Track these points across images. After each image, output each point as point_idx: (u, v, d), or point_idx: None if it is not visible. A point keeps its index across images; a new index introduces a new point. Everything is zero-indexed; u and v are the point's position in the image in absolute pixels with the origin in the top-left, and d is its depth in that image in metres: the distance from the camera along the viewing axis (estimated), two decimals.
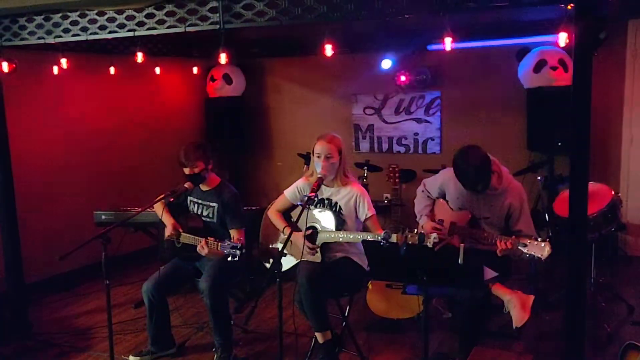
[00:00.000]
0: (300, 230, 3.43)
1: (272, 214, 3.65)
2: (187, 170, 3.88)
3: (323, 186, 3.48)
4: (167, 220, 3.96)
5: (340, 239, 3.26)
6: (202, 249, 3.63)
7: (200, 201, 4.01)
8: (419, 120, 6.83)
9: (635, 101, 5.93)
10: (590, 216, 4.03)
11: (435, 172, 4.21)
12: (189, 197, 4.07)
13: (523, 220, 3.54)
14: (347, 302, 3.56)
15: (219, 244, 3.53)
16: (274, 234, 3.70)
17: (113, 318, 4.69)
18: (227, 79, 7.07)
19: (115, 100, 6.32)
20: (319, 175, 3.27)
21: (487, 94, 6.44)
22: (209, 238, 3.67)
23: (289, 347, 4.09)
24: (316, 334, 3.23)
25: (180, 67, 7.06)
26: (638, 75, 5.89)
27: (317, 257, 3.34)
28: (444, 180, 3.80)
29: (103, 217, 5.13)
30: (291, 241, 3.50)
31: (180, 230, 3.92)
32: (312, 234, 3.39)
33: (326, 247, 3.37)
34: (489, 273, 3.08)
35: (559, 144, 5.78)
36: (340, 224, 3.38)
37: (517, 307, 3.19)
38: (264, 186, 7.72)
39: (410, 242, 2.71)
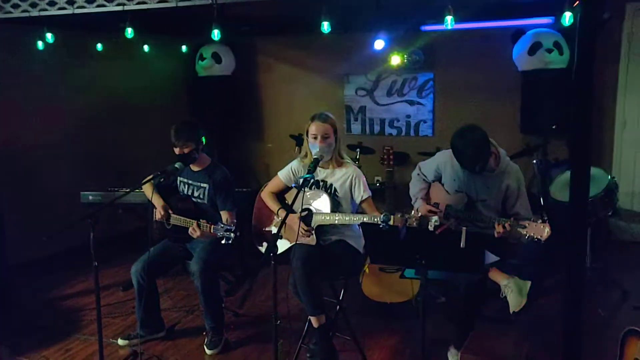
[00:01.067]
0: (295, 213, 3.35)
1: (266, 196, 3.56)
2: (177, 150, 3.78)
3: (318, 168, 3.40)
4: (157, 201, 3.87)
5: (336, 222, 3.18)
6: (194, 231, 3.55)
7: (190, 182, 3.92)
8: (411, 102, 6.74)
9: (629, 85, 5.90)
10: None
11: (430, 155, 4.15)
12: (178, 178, 3.98)
13: (520, 203, 3.49)
14: (341, 286, 3.49)
15: (212, 226, 3.44)
16: (267, 217, 3.62)
17: (101, 300, 4.66)
18: (217, 58, 6.91)
19: (101, 79, 6.16)
20: (315, 157, 3.18)
21: (480, 76, 6.35)
22: (201, 220, 3.58)
23: (282, 331, 4.02)
24: (310, 318, 3.16)
25: (168, 45, 6.88)
26: (632, 59, 5.85)
27: (312, 240, 3.26)
28: (441, 162, 3.73)
29: (90, 197, 5.01)
30: (285, 224, 3.42)
31: (171, 211, 3.83)
32: (307, 216, 3.31)
33: (321, 229, 3.30)
34: (489, 257, 3.03)
35: (553, 127, 5.74)
36: (336, 206, 3.31)
37: (514, 292, 3.15)
38: (253, 167, 7.62)
39: (410, 225, 2.64)
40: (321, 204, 3.34)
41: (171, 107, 7.10)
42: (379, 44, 6.41)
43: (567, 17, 3.22)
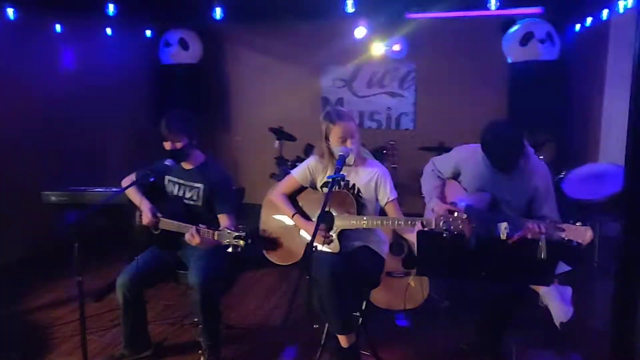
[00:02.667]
0: (310, 219, 2.99)
1: (278, 198, 3.15)
2: (167, 145, 3.32)
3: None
4: (142, 203, 3.40)
5: (364, 225, 2.82)
6: (193, 237, 3.09)
7: (181, 181, 3.46)
8: (392, 94, 6.46)
9: (617, 76, 5.80)
10: (604, 199, 3.81)
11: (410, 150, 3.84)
12: (167, 177, 3.52)
13: (548, 205, 3.21)
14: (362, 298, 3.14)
15: (215, 232, 3.01)
16: (278, 221, 3.21)
17: (69, 314, 4.16)
18: (183, 44, 6.41)
19: (58, 65, 5.53)
20: (341, 153, 2.81)
21: (465, 68, 6.14)
22: (200, 225, 3.14)
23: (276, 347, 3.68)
24: (339, 337, 2.79)
25: (130, 30, 6.29)
26: (620, 50, 5.74)
27: (335, 247, 2.89)
28: (461, 159, 3.42)
29: (53, 198, 4.43)
30: (299, 229, 3.05)
31: (160, 215, 3.36)
32: (328, 220, 2.94)
33: (343, 235, 2.93)
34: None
35: (542, 120, 5.59)
36: (360, 209, 2.94)
37: (556, 300, 2.89)
38: (222, 162, 7.13)
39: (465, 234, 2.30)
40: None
41: (133, 96, 6.53)
42: (360, 32, 6.12)
43: (622, 6, 2.96)
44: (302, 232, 3.05)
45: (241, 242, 2.93)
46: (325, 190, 3.04)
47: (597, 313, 3.80)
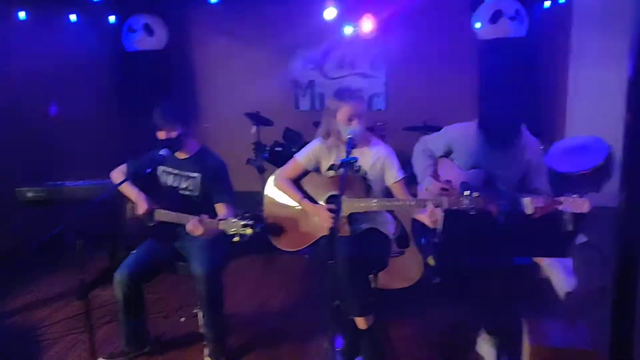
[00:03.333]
0: (317, 203, 2.97)
1: (283, 183, 3.09)
2: (162, 134, 3.22)
3: (343, 148, 3.00)
4: (135, 195, 3.30)
5: (374, 208, 2.81)
6: (196, 228, 3.01)
7: (176, 171, 3.36)
8: (363, 75, 6.45)
9: (581, 50, 5.96)
10: (589, 171, 3.92)
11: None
12: (160, 167, 3.41)
13: (540, 178, 3.30)
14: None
15: (220, 221, 2.94)
16: (283, 207, 3.16)
17: (55, 314, 4.01)
18: (148, 30, 6.19)
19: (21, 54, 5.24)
20: (350, 136, 2.78)
21: (436, 46, 6.18)
22: (202, 215, 3.07)
23: (294, 333, 3.67)
24: (357, 319, 2.78)
25: (94, 16, 6.01)
26: (584, 28, 5.91)
27: (345, 230, 2.88)
28: (453, 137, 3.45)
29: (29, 194, 4.24)
30: (307, 214, 3.02)
31: (156, 206, 3.27)
32: (336, 204, 2.92)
33: (351, 217, 2.91)
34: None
35: (512, 95, 5.68)
36: (367, 191, 2.93)
37: (559, 271, 2.97)
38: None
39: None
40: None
41: (97, 85, 6.28)
42: (330, 13, 6.05)
43: None
44: (312, 217, 3.00)
45: (248, 231, 2.87)
46: (331, 173, 3.01)
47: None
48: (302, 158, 3.07)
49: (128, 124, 6.69)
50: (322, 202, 2.98)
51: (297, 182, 3.12)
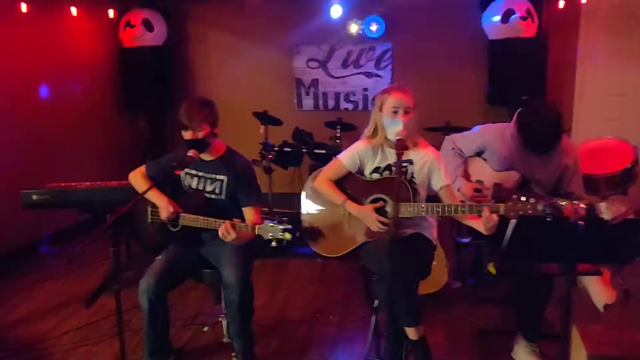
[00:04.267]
0: (362, 204, 2.83)
1: (324, 184, 2.93)
2: (188, 134, 3.04)
3: (388, 149, 2.87)
4: (158, 198, 3.11)
5: (422, 214, 2.68)
6: (228, 233, 2.85)
7: (201, 174, 3.19)
8: (368, 75, 6.34)
9: (587, 55, 5.94)
10: (616, 172, 3.86)
11: None
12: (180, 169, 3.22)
13: (575, 181, 3.22)
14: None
15: (257, 226, 2.79)
16: (322, 210, 3.01)
17: (57, 327, 3.78)
18: (148, 26, 5.98)
19: (15, 52, 4.99)
20: (399, 137, 2.64)
21: (443, 46, 6.09)
22: (234, 220, 2.91)
23: (321, 340, 3.53)
24: (408, 329, 2.65)
25: (89, 10, 5.78)
26: (592, 30, 5.88)
27: (392, 235, 2.75)
28: (487, 139, 3.34)
29: (34, 197, 4.00)
30: (348, 218, 2.88)
31: (181, 210, 3.09)
32: (382, 207, 2.78)
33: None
34: None
35: (523, 98, 5.63)
36: (414, 195, 2.79)
37: (597, 282, 2.88)
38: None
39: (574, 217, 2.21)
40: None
41: (95, 82, 6.05)
42: (336, 11, 5.93)
43: None
44: (355, 220, 2.85)
45: (287, 236, 2.73)
46: (376, 176, 2.87)
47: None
48: (345, 159, 2.92)
49: (125, 123, 6.49)
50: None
51: (337, 184, 2.97)
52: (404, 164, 2.41)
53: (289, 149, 5.18)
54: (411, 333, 2.63)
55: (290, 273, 4.62)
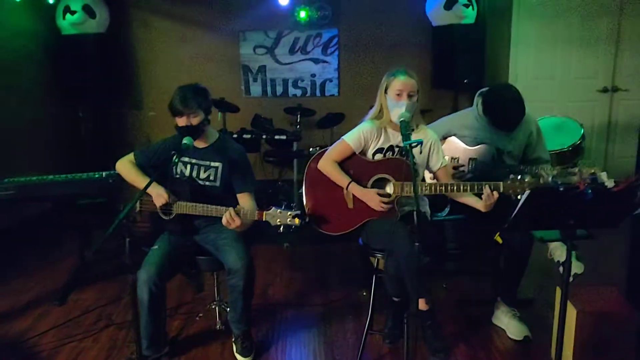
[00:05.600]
0: (365, 185, 2.94)
1: (329, 166, 2.98)
2: (182, 121, 3.03)
3: (392, 131, 2.98)
4: (151, 186, 3.06)
5: (425, 192, 2.82)
6: (232, 220, 2.87)
7: (194, 161, 3.18)
8: (316, 61, 6.43)
9: (520, 39, 6.32)
10: (567, 148, 4.20)
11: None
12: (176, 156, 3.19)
13: (540, 147, 3.51)
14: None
15: (264, 212, 2.83)
16: (327, 192, 3.05)
17: (40, 324, 3.64)
18: (90, 12, 5.72)
19: None
20: (402, 119, 2.76)
21: (389, 32, 6.30)
22: (238, 206, 2.94)
23: (316, 317, 3.62)
24: (421, 300, 2.80)
25: None
26: (523, 14, 6.26)
27: (395, 214, 2.88)
28: (453, 126, 3.52)
29: None
30: (352, 197, 2.98)
31: (176, 198, 3.07)
32: (383, 187, 2.90)
33: (397, 201, 2.91)
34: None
35: (465, 81, 5.95)
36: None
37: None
38: (133, 140, 6.59)
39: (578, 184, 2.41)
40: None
41: (31, 71, 5.73)
42: None
43: None
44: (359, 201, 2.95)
45: (297, 221, 2.79)
46: (379, 157, 2.98)
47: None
48: (351, 140, 2.99)
49: (65, 113, 6.21)
50: (368, 186, 2.95)
51: (340, 165, 3.04)
52: (414, 144, 2.54)
53: (249, 136, 5.18)
54: (422, 304, 2.79)
55: (262, 259, 4.65)
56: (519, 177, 2.72)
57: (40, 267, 4.53)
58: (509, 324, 3.35)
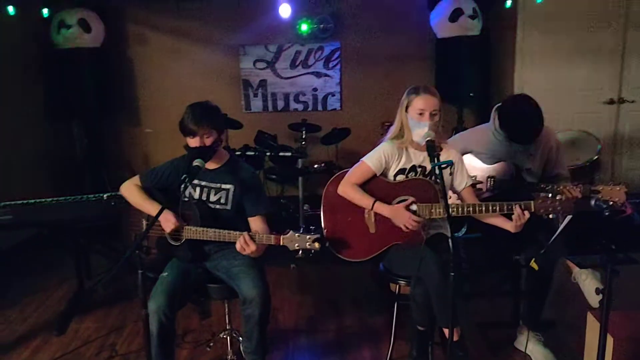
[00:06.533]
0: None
1: (350, 189, 2.82)
2: (194, 141, 2.85)
3: (414, 151, 2.83)
4: (159, 211, 2.88)
5: (453, 214, 2.66)
6: (247, 245, 2.70)
7: (204, 183, 3.00)
8: (318, 74, 6.29)
9: (525, 51, 6.24)
10: (585, 164, 4.09)
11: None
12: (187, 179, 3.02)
13: (560, 163, 3.37)
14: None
15: (282, 236, 2.66)
16: (347, 216, 2.90)
17: (37, 354, 3.44)
18: (84, 26, 5.55)
19: None
20: (428, 138, 2.61)
21: (392, 45, 6.17)
22: (252, 230, 2.78)
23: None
24: (447, 331, 2.64)
25: (23, 9, 5.26)
26: (528, 26, 6.18)
27: (421, 238, 2.73)
28: (470, 142, 3.40)
29: None
30: (375, 221, 2.82)
31: (184, 223, 2.90)
32: (412, 208, 2.75)
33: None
34: None
35: (471, 94, 5.84)
36: (437, 196, 2.78)
37: (592, 279, 3.04)
38: (130, 158, 6.41)
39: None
40: None
41: (22, 88, 5.55)
42: (285, 10, 5.82)
43: None
44: (383, 223, 2.79)
45: (317, 246, 2.63)
46: (401, 178, 2.83)
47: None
48: (372, 161, 2.84)
49: (59, 130, 6.04)
50: None
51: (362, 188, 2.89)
52: (444, 165, 2.40)
53: (252, 153, 5.02)
54: (454, 334, 2.63)
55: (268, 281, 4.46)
56: (550, 195, 2.58)
57: (36, 294, 4.32)
58: (533, 350, 3.21)
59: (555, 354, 3.15)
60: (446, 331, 2.64)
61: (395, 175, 2.84)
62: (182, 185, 2.64)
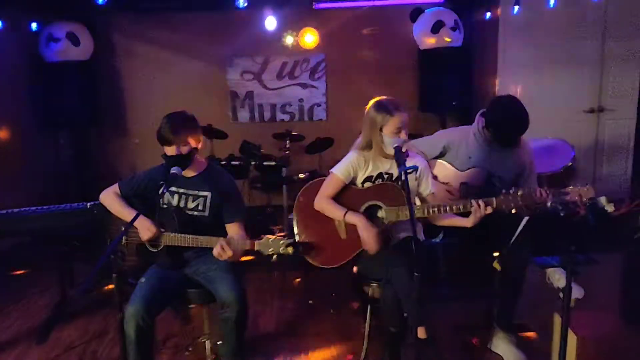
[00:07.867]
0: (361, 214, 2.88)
1: (324, 203, 2.91)
2: (171, 150, 2.95)
3: (381, 158, 2.93)
4: (138, 217, 2.96)
5: (418, 214, 2.76)
6: (224, 251, 2.78)
7: (182, 190, 3.08)
8: (304, 85, 6.40)
9: (507, 62, 6.34)
10: (559, 170, 4.19)
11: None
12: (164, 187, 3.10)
13: (532, 179, 3.46)
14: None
15: (256, 241, 2.74)
16: (320, 227, 3.00)
17: None
18: (73, 39, 5.66)
19: None
20: (396, 145, 2.70)
21: (375, 56, 6.30)
22: (228, 236, 2.86)
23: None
24: (420, 329, 2.72)
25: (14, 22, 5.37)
26: (509, 37, 6.30)
27: (389, 242, 2.82)
28: (452, 140, 3.47)
29: None
30: (345, 228, 2.91)
31: (163, 230, 2.98)
32: (374, 214, 2.84)
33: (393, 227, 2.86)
34: None
35: (454, 103, 5.95)
36: (405, 200, 2.87)
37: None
38: (117, 168, 6.49)
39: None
40: None
41: (13, 100, 5.64)
42: (270, 23, 5.94)
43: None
44: (353, 229, 2.88)
45: (290, 250, 2.71)
46: (368, 185, 2.92)
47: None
48: (342, 173, 2.93)
49: (47, 142, 6.12)
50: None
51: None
52: (410, 170, 2.49)
53: (237, 163, 5.11)
54: (421, 332, 2.71)
55: (250, 287, 4.53)
56: (511, 190, 2.67)
57: (17, 303, 4.36)
58: (506, 351, 3.28)
59: (528, 355, 3.22)
60: (420, 330, 2.72)
61: (363, 182, 2.93)
62: (160, 192, 2.73)
